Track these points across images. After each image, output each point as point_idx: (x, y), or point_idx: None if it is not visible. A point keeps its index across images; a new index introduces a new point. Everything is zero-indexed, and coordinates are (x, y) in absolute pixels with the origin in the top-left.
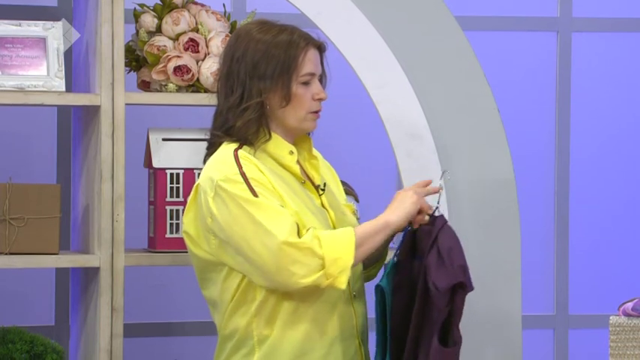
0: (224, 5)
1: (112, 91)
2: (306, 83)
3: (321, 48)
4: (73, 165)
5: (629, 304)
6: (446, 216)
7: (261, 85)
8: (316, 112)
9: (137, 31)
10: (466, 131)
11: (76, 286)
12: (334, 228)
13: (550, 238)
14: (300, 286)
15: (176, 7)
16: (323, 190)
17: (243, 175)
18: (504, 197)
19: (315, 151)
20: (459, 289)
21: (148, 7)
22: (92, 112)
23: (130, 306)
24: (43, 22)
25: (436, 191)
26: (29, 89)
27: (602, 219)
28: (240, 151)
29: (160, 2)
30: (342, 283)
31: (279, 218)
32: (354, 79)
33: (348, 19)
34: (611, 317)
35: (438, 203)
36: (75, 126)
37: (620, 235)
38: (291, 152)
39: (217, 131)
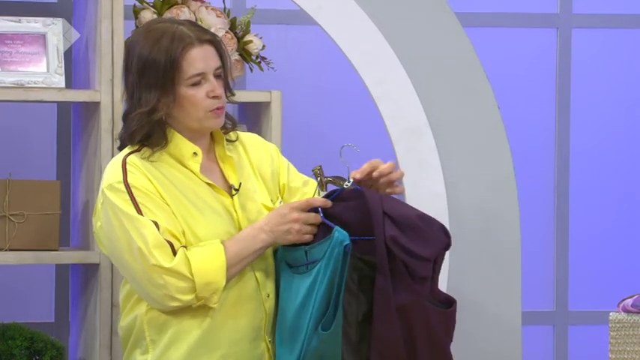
0: (224, 1)
1: (112, 88)
2: (195, 84)
3: (212, 43)
4: (73, 161)
5: (629, 301)
6: (445, 212)
7: (150, 95)
8: (216, 109)
9: (137, 28)
10: (466, 127)
11: (76, 283)
12: (240, 230)
13: (550, 234)
14: (171, 306)
15: (176, 3)
16: (237, 190)
17: (126, 183)
18: (504, 193)
19: (238, 148)
20: (443, 249)
21: (148, 4)
22: (92, 108)
23: None
24: (43, 18)
25: (326, 204)
26: (29, 85)
27: (602, 215)
28: (129, 158)
29: None
30: (215, 302)
31: (151, 237)
32: (354, 75)
33: (348, 15)
34: (610, 313)
35: (349, 180)
36: (75, 122)
37: (620, 231)
38: (195, 154)
39: (122, 135)
